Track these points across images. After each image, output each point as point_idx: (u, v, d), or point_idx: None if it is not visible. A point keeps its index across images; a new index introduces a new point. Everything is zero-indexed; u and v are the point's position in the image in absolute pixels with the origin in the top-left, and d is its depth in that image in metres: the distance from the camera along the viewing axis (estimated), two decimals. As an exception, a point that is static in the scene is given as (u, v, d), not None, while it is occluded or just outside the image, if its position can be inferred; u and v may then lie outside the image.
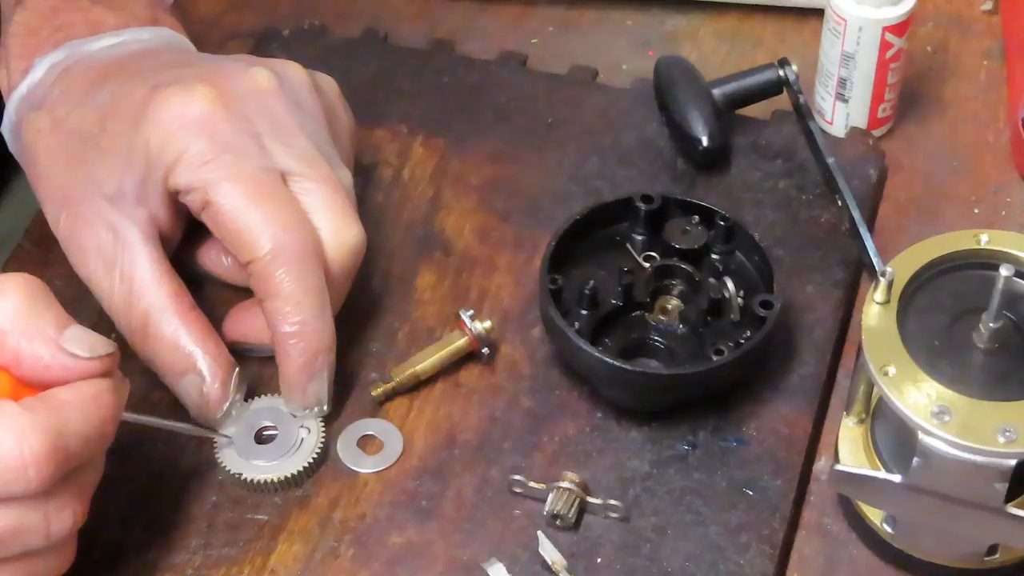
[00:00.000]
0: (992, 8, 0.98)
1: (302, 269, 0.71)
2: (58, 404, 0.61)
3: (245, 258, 0.71)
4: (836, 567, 0.71)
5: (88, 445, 0.62)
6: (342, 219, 0.73)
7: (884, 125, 0.89)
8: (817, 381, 0.77)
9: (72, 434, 0.61)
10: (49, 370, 0.62)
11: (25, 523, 0.61)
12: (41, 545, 0.62)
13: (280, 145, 0.73)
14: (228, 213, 0.71)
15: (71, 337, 0.62)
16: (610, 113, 0.90)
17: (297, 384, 0.72)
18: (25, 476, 0.59)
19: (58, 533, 0.62)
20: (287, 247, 0.70)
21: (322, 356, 0.72)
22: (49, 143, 0.75)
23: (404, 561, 0.71)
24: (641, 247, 0.79)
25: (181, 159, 0.71)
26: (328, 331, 0.72)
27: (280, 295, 0.71)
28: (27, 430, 0.59)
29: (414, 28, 0.97)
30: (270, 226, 0.70)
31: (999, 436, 0.63)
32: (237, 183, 0.71)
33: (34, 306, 0.62)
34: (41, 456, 0.59)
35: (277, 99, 0.74)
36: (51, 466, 0.59)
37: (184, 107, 0.71)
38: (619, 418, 0.75)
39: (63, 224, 0.74)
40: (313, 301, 0.71)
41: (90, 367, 0.62)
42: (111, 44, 0.78)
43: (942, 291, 0.70)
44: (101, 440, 0.63)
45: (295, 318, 0.71)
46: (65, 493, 0.61)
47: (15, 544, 0.61)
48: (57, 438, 0.60)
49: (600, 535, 0.71)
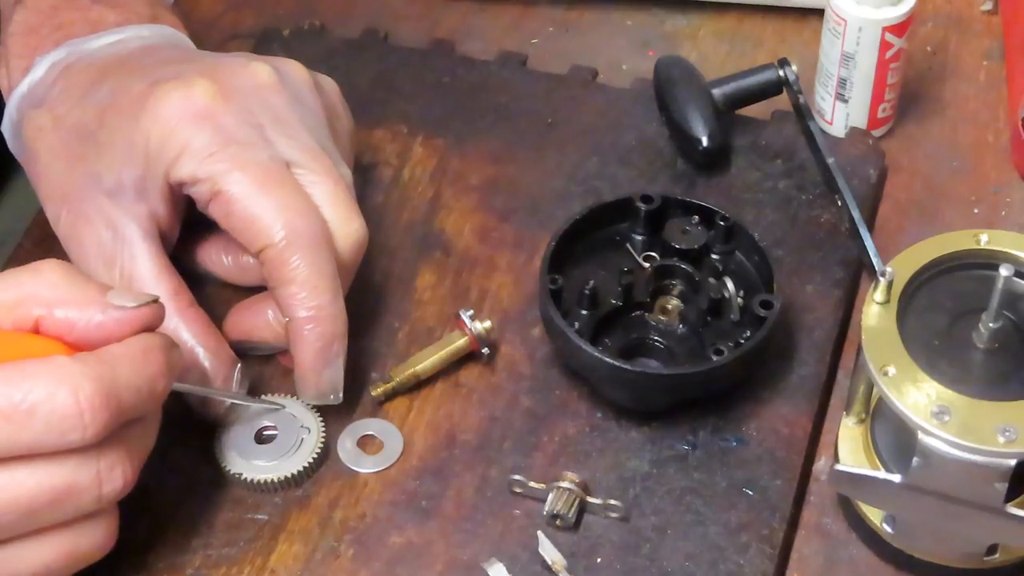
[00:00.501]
0: (992, 8, 0.98)
1: (316, 254, 0.71)
2: (110, 356, 0.62)
3: (258, 246, 0.71)
4: (836, 567, 0.71)
5: (140, 397, 0.63)
6: (345, 212, 0.73)
7: (884, 125, 0.89)
8: (817, 381, 0.77)
9: (124, 385, 0.62)
10: (103, 326, 0.63)
11: (79, 480, 0.61)
12: (93, 507, 0.62)
13: (283, 137, 0.73)
14: (240, 202, 0.71)
15: (114, 294, 0.64)
16: (610, 113, 0.90)
17: (313, 370, 0.72)
18: (81, 423, 0.60)
19: (109, 494, 0.62)
20: (301, 233, 0.70)
21: (338, 342, 0.72)
22: (50, 141, 0.75)
23: (404, 561, 0.71)
24: (641, 247, 0.79)
25: (185, 151, 0.71)
26: (342, 317, 0.72)
27: (296, 280, 0.70)
28: (80, 379, 0.60)
29: (414, 28, 0.97)
30: (283, 213, 0.70)
31: (999, 436, 0.63)
32: (246, 171, 0.71)
33: (72, 279, 0.64)
34: (96, 403, 0.60)
35: (278, 94, 0.74)
36: (105, 413, 0.60)
37: (184, 101, 0.71)
38: (619, 418, 0.76)
39: (63, 222, 0.74)
40: (328, 285, 0.71)
41: (139, 316, 0.64)
42: (111, 42, 0.78)
43: (942, 291, 0.70)
44: (153, 395, 0.64)
45: (312, 303, 0.71)
46: (117, 450, 0.62)
47: (69, 505, 0.62)
48: (110, 386, 0.61)
49: (600, 535, 0.71)
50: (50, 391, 0.60)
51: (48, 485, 0.61)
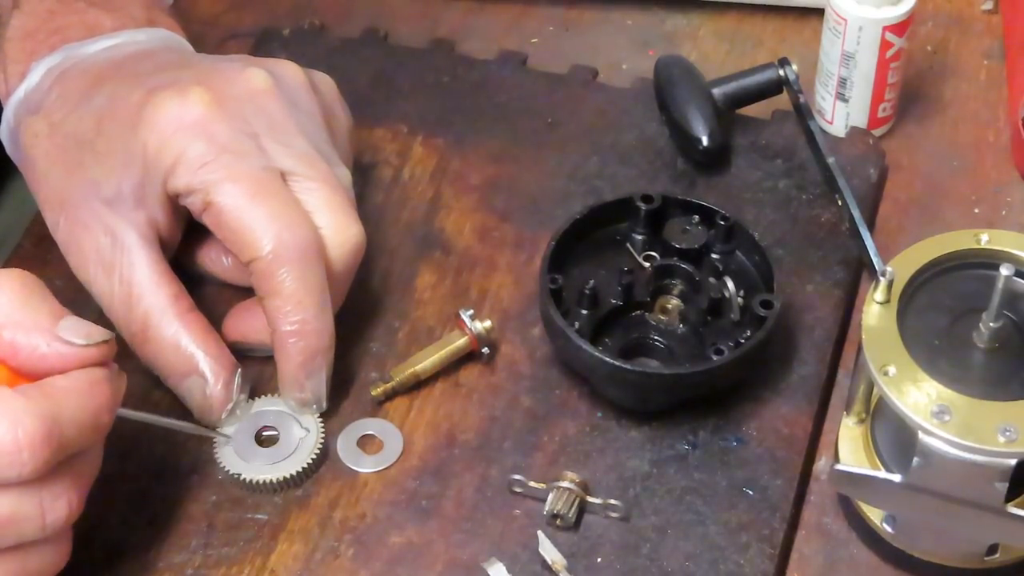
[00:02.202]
0: (992, 8, 0.98)
1: (304, 268, 0.71)
2: (53, 391, 0.61)
3: (247, 257, 0.71)
4: (836, 567, 0.71)
5: (83, 432, 0.62)
6: (342, 218, 0.73)
7: (884, 125, 0.89)
8: (817, 381, 0.77)
9: (67, 420, 0.61)
10: (45, 359, 0.62)
11: (21, 511, 0.61)
12: (37, 535, 0.61)
13: (278, 145, 0.73)
14: (230, 213, 0.71)
15: (66, 326, 0.62)
16: (610, 113, 0.90)
17: (295, 382, 0.73)
18: (20, 460, 0.59)
19: (54, 523, 0.61)
20: (289, 246, 0.70)
21: (321, 355, 0.72)
22: (46, 148, 0.75)
23: (404, 561, 0.71)
24: (641, 247, 0.79)
25: (180, 162, 0.71)
26: (328, 331, 0.72)
27: (281, 294, 0.71)
28: (21, 414, 0.59)
29: (414, 28, 0.97)
30: (272, 225, 0.70)
31: (999, 436, 0.63)
32: (238, 183, 0.71)
33: (29, 298, 0.62)
34: (36, 440, 0.59)
35: (273, 99, 0.74)
36: (46, 450, 0.59)
37: (180, 110, 0.71)
38: (619, 418, 0.75)
39: (62, 228, 0.74)
40: (314, 300, 0.71)
41: (86, 355, 0.62)
42: (107, 46, 0.78)
43: (942, 291, 0.70)
44: (96, 428, 0.63)
45: (295, 317, 0.71)
46: (61, 482, 0.61)
47: (11, 534, 0.61)
48: (52, 423, 0.60)
49: (600, 535, 0.71)
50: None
51: None
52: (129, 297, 0.73)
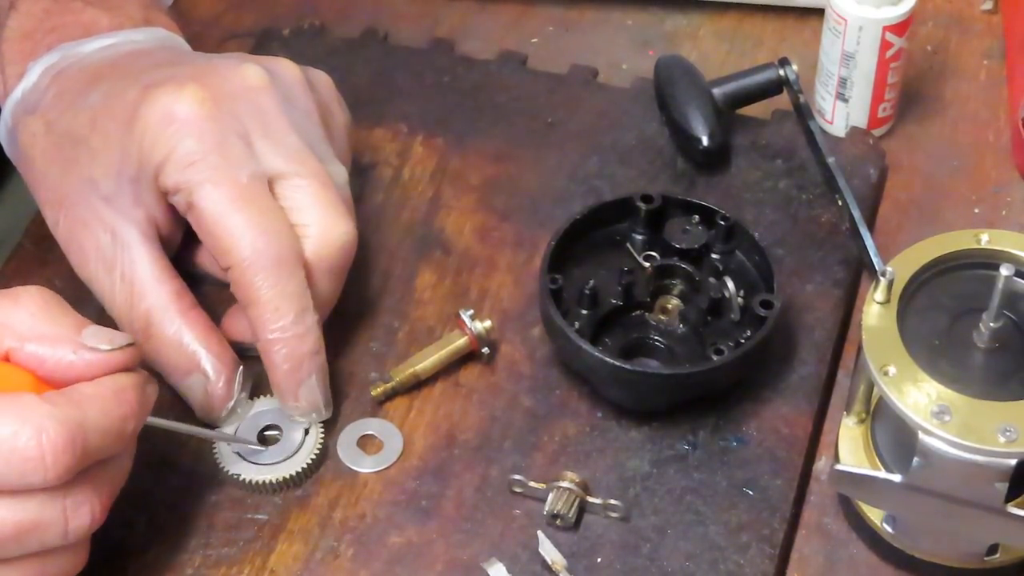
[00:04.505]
0: (992, 8, 0.98)
1: (279, 275, 0.70)
2: (79, 397, 0.61)
3: (224, 264, 0.71)
4: (836, 567, 0.71)
5: (108, 439, 0.62)
6: (331, 215, 0.73)
7: (884, 125, 0.89)
8: (817, 381, 0.77)
9: (92, 427, 0.61)
10: (73, 367, 0.62)
11: (44, 517, 0.61)
12: (59, 542, 0.62)
13: (269, 144, 0.72)
14: (209, 217, 0.71)
15: (90, 333, 0.63)
16: (610, 113, 0.90)
17: (288, 390, 0.72)
18: (43, 466, 0.59)
19: (76, 531, 0.62)
20: (264, 254, 0.70)
21: (307, 361, 0.72)
22: (44, 147, 0.75)
23: (404, 561, 0.71)
24: (641, 247, 0.79)
25: (169, 159, 0.71)
26: (311, 336, 0.72)
27: (259, 302, 0.70)
28: (46, 421, 0.59)
29: (414, 28, 0.97)
30: (248, 232, 0.70)
31: (999, 436, 0.63)
32: (219, 187, 0.70)
33: (51, 312, 0.63)
34: (59, 446, 0.59)
35: (268, 96, 0.74)
36: (69, 457, 0.60)
37: (174, 106, 0.71)
38: (619, 418, 0.75)
39: (62, 227, 0.74)
40: (292, 307, 0.71)
41: (112, 360, 0.63)
42: (104, 46, 0.78)
43: (942, 291, 0.70)
44: (122, 435, 0.63)
45: (275, 324, 0.71)
46: (84, 489, 0.62)
47: (34, 540, 0.61)
48: (76, 429, 0.60)
49: (600, 535, 0.71)
50: (14, 430, 0.59)
51: (11, 520, 0.60)
52: (130, 295, 0.73)
